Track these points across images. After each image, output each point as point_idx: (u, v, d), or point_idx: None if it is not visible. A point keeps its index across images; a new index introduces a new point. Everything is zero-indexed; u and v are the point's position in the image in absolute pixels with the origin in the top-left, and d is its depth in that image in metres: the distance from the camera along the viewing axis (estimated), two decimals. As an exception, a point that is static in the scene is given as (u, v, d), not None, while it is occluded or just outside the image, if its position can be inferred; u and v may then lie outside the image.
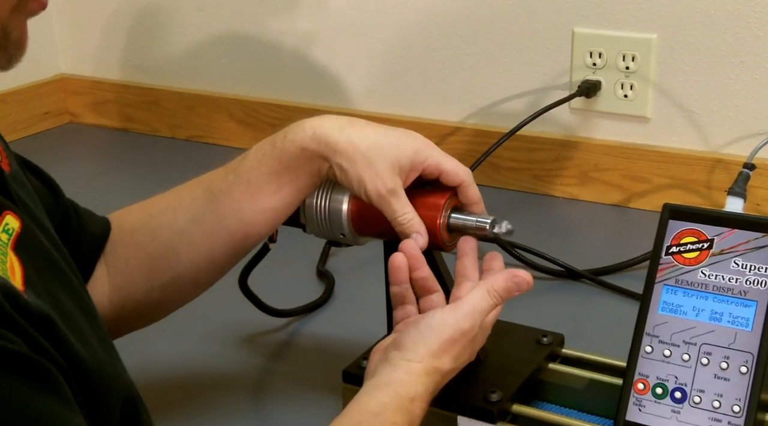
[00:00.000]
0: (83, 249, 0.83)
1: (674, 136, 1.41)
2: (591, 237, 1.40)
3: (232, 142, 1.80)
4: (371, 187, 0.77)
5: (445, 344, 0.72)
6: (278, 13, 1.70)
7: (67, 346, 0.57)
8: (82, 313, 0.64)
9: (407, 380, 0.71)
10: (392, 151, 0.77)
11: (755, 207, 1.34)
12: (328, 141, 0.78)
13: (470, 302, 0.74)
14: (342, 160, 0.77)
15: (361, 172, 0.77)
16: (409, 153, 0.78)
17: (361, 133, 0.78)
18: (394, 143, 0.78)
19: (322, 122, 0.79)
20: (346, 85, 1.67)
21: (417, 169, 0.78)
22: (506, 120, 1.50)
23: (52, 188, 0.82)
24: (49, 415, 0.52)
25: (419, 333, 0.73)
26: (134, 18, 1.87)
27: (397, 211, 0.77)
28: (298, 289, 1.21)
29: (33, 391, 0.51)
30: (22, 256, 0.59)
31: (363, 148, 0.77)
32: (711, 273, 0.79)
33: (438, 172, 0.79)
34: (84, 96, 1.97)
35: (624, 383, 0.80)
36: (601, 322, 1.13)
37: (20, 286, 0.56)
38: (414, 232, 0.78)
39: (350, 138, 0.77)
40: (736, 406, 0.76)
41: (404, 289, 0.78)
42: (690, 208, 0.81)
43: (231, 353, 1.08)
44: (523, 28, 1.48)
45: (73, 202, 0.86)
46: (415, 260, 0.77)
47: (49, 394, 0.52)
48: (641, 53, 1.39)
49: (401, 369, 0.71)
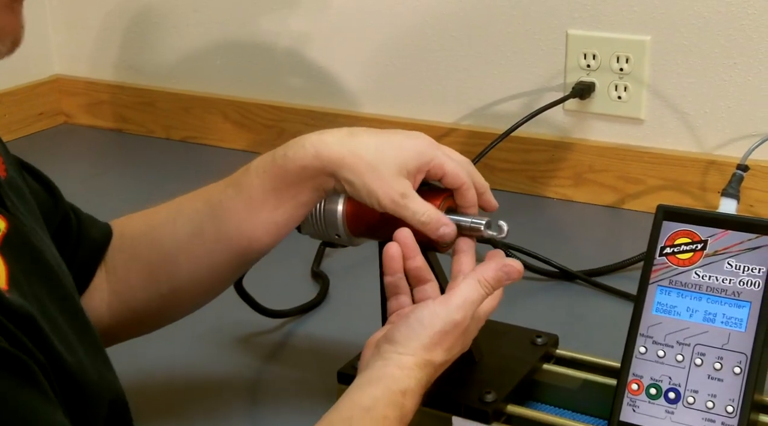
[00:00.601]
0: (83, 253, 0.83)
1: (668, 138, 1.42)
2: (585, 238, 1.41)
3: (227, 143, 1.80)
4: (383, 196, 0.76)
5: (436, 337, 0.72)
6: (273, 15, 1.70)
7: (49, 346, 0.57)
8: (68, 318, 0.64)
9: (399, 375, 0.71)
10: (397, 156, 0.76)
11: (748, 208, 1.34)
12: (331, 157, 0.77)
13: (461, 294, 0.73)
14: (348, 174, 0.76)
15: (369, 182, 0.76)
16: (414, 155, 0.77)
17: (363, 143, 0.77)
18: (398, 147, 0.77)
19: (323, 138, 0.78)
20: (341, 86, 1.67)
21: (423, 171, 0.78)
22: (501, 121, 1.50)
23: (51, 191, 0.82)
24: (27, 408, 0.52)
25: (410, 327, 0.72)
26: (129, 19, 1.87)
27: (416, 212, 0.76)
28: (292, 290, 1.21)
29: (11, 384, 0.51)
30: (8, 256, 0.59)
31: (367, 158, 0.76)
32: (705, 274, 0.79)
33: (442, 174, 0.78)
34: (79, 97, 1.97)
35: (618, 384, 0.80)
36: (596, 322, 1.13)
37: (4, 285, 0.56)
38: (441, 226, 0.77)
39: (353, 150, 0.76)
40: (730, 407, 0.76)
41: (398, 279, 0.77)
42: (684, 210, 0.82)
43: (226, 354, 1.08)
44: (518, 29, 1.48)
45: (74, 207, 0.86)
46: (409, 249, 0.76)
47: (28, 388, 0.52)
48: (635, 55, 1.39)
49: (393, 363, 0.71)
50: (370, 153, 0.76)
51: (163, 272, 0.83)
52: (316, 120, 1.69)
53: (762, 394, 0.80)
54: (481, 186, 0.81)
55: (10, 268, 0.58)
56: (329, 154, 0.77)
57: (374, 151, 0.76)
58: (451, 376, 0.77)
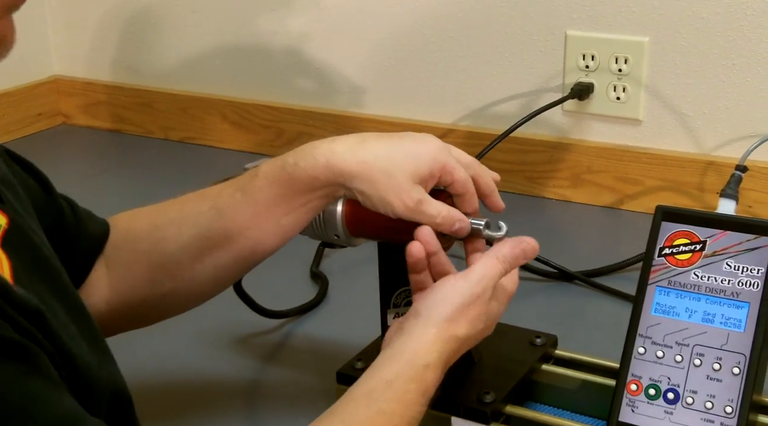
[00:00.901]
0: (81, 248, 0.83)
1: (666, 139, 1.42)
2: (583, 239, 1.41)
3: (225, 144, 1.80)
4: (398, 204, 0.76)
5: (458, 309, 0.73)
6: (272, 15, 1.70)
7: (57, 339, 0.57)
8: (70, 312, 0.64)
9: (421, 348, 0.71)
10: (410, 163, 0.76)
11: (747, 209, 1.34)
12: (343, 169, 0.76)
13: (479, 269, 0.75)
14: (360, 185, 0.76)
15: (383, 192, 0.76)
16: (428, 161, 0.76)
17: (374, 152, 0.76)
18: (410, 154, 0.76)
19: (333, 147, 0.77)
20: (339, 86, 1.67)
21: (435, 177, 0.77)
22: (499, 122, 1.50)
23: (44, 185, 0.81)
24: (35, 393, 0.52)
25: (432, 299, 0.74)
26: (127, 20, 1.87)
27: (432, 215, 0.76)
28: (291, 291, 1.21)
29: (18, 371, 0.52)
30: (10, 252, 0.59)
31: (379, 167, 0.76)
32: (703, 274, 0.79)
33: (450, 181, 0.78)
34: (77, 97, 1.97)
35: (617, 384, 0.80)
36: (594, 323, 1.13)
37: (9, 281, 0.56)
38: (456, 222, 0.77)
39: (365, 160, 0.76)
40: (729, 407, 0.76)
41: (424, 277, 0.78)
42: (683, 210, 0.82)
43: (225, 354, 1.08)
44: (517, 30, 1.48)
45: (71, 200, 0.85)
46: (431, 246, 0.76)
47: (35, 375, 0.53)
48: (634, 56, 1.40)
49: (416, 336, 0.72)
50: (383, 162, 0.76)
51: (164, 272, 0.83)
52: (314, 120, 1.69)
53: (761, 395, 0.80)
54: (488, 187, 0.81)
55: (13, 264, 0.58)
56: (341, 165, 0.76)
57: (387, 160, 0.76)
58: (451, 376, 0.77)
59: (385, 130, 1.70)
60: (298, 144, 0.80)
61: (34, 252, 0.64)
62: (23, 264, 0.60)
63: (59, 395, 0.54)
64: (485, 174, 0.81)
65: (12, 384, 0.51)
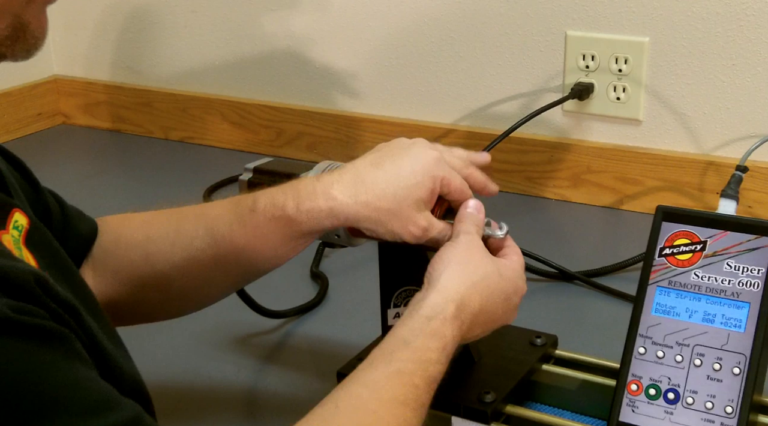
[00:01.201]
0: (68, 248, 0.82)
1: (666, 139, 1.42)
2: (583, 239, 1.41)
3: (225, 143, 1.80)
4: (407, 235, 0.76)
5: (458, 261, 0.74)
6: (271, 15, 1.70)
7: (92, 334, 0.58)
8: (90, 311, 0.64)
9: (438, 303, 0.71)
10: (412, 194, 0.76)
11: (747, 209, 1.34)
12: (348, 215, 0.76)
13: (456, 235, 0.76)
14: (367, 224, 0.76)
15: (391, 226, 0.76)
16: (426, 182, 0.76)
17: (375, 191, 0.76)
18: (410, 181, 0.76)
19: (333, 193, 0.76)
20: (339, 86, 1.67)
21: (436, 192, 0.78)
22: (499, 122, 1.50)
23: (31, 181, 0.80)
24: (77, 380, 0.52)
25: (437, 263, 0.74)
26: (127, 19, 1.87)
27: (439, 239, 0.77)
28: (291, 291, 1.21)
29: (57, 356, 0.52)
30: (33, 251, 0.60)
31: (384, 206, 0.75)
32: (704, 275, 0.79)
33: (447, 192, 0.78)
34: (76, 97, 1.97)
35: (617, 384, 0.80)
36: (595, 323, 1.13)
37: None
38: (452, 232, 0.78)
39: (367, 202, 0.75)
40: (729, 407, 0.76)
41: None
42: (683, 210, 0.82)
43: (225, 354, 1.08)
44: (516, 30, 1.48)
45: (60, 198, 0.85)
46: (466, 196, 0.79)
47: (77, 361, 0.53)
48: (634, 56, 1.40)
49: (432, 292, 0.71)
50: (386, 202, 0.76)
51: (153, 285, 0.83)
52: (314, 120, 1.69)
53: (761, 395, 0.80)
54: (480, 183, 0.81)
55: (39, 263, 0.58)
56: (346, 211, 0.76)
57: (390, 198, 0.76)
58: (451, 376, 0.77)
59: (385, 130, 1.71)
60: (298, 144, 0.80)
61: (54, 251, 0.64)
62: (46, 263, 0.61)
63: (98, 380, 0.55)
64: (476, 173, 0.81)
65: (54, 370, 0.51)
